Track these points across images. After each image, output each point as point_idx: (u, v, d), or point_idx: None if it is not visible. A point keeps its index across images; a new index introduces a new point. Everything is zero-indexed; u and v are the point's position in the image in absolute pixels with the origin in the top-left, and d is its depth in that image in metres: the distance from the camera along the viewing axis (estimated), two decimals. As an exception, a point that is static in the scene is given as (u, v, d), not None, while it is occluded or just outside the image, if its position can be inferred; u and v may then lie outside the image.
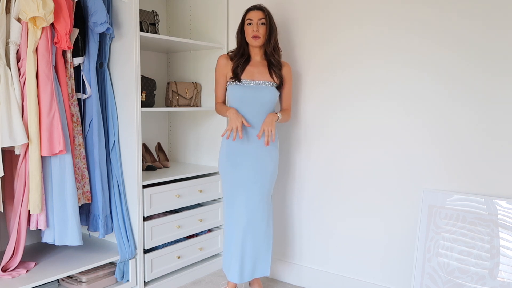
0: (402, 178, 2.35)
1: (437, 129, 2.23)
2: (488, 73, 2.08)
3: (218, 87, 2.47)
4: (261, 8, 2.38)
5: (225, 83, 2.45)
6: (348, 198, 2.55)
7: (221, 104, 2.47)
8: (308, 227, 2.72)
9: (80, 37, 2.31)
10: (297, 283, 2.77)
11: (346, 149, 2.53)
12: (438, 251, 2.14)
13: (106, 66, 2.44)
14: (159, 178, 2.59)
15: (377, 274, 2.47)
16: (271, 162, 2.39)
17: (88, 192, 2.38)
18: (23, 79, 2.06)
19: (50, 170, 2.17)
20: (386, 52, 2.36)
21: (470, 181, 2.15)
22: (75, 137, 2.31)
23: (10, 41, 2.04)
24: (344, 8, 2.49)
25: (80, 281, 2.32)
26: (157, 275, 2.60)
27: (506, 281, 1.97)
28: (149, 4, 3.06)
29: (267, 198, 2.39)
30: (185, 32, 3.14)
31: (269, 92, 2.36)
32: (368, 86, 2.43)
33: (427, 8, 2.21)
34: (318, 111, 2.63)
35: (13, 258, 2.16)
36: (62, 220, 2.19)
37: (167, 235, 2.63)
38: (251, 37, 2.36)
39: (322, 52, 2.59)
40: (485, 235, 2.04)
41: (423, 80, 2.25)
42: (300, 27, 2.66)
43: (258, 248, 2.38)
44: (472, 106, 2.13)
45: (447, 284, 2.10)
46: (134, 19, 2.35)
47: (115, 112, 2.46)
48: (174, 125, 3.30)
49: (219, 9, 2.95)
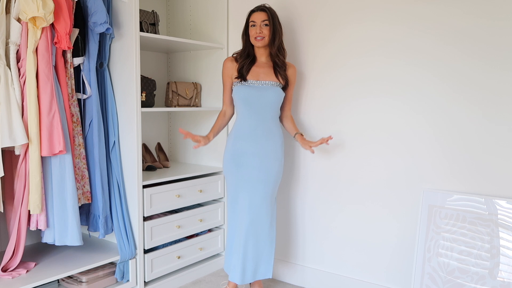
0: (402, 178, 2.35)
1: (437, 129, 2.23)
2: (488, 73, 2.08)
3: (225, 90, 2.48)
4: (264, 9, 2.36)
5: (231, 86, 2.45)
6: (349, 198, 2.55)
7: (221, 115, 2.49)
8: (310, 227, 2.72)
9: (80, 37, 2.31)
10: (299, 284, 2.77)
11: (348, 150, 2.53)
12: (438, 251, 2.14)
13: (106, 66, 2.44)
14: (159, 178, 2.59)
15: (377, 274, 2.47)
16: (275, 162, 2.38)
17: (88, 192, 2.38)
18: (23, 79, 2.06)
19: (50, 170, 2.17)
20: (387, 51, 2.36)
21: (470, 181, 2.15)
22: (75, 137, 2.31)
23: (10, 41, 2.04)
24: (346, 5, 2.49)
25: (80, 281, 2.32)
26: (157, 275, 2.60)
27: (506, 281, 1.97)
28: (149, 4, 3.06)
29: (271, 199, 2.39)
30: (185, 32, 3.14)
31: (274, 92, 2.36)
32: (368, 86, 2.43)
33: (432, 4, 2.21)
34: (321, 112, 2.62)
35: (13, 258, 2.16)
36: (62, 220, 2.19)
37: (167, 235, 2.63)
38: (254, 38, 2.35)
39: (324, 52, 2.59)
40: (485, 235, 2.04)
41: (425, 81, 2.25)
42: (303, 25, 2.66)
43: (261, 249, 2.37)
44: (472, 106, 2.13)
45: (447, 284, 2.10)
46: (134, 19, 2.35)
47: (115, 112, 2.46)
48: (174, 125, 3.30)
49: (219, 9, 2.95)
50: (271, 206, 2.38)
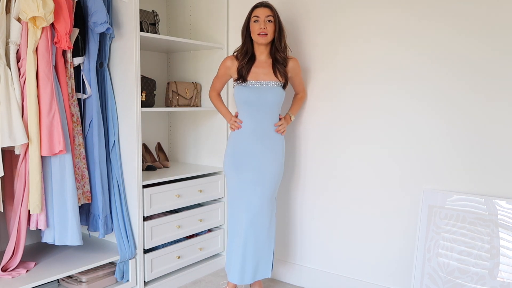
0: (402, 178, 2.35)
1: (437, 129, 2.23)
2: (489, 73, 2.08)
3: (218, 80, 2.52)
4: (268, 5, 2.34)
5: (225, 81, 2.51)
6: (348, 198, 2.55)
7: (217, 97, 2.55)
8: (310, 228, 2.72)
9: (80, 37, 2.31)
10: (298, 283, 2.77)
11: (347, 150, 2.53)
12: (438, 251, 2.14)
13: (106, 66, 2.44)
14: (159, 178, 2.59)
15: (377, 274, 2.47)
16: (275, 163, 2.38)
17: (88, 192, 2.38)
18: (23, 79, 2.06)
19: (50, 170, 2.17)
20: (383, 50, 2.36)
21: (470, 181, 2.15)
22: (75, 137, 2.31)
23: (10, 41, 2.04)
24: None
25: (80, 281, 2.32)
26: (157, 275, 2.60)
27: (506, 281, 1.97)
28: (149, 4, 3.06)
29: (271, 199, 2.38)
30: (185, 32, 3.14)
31: (273, 93, 2.34)
32: (369, 86, 2.43)
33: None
34: (321, 113, 2.62)
35: (13, 258, 2.16)
36: (62, 220, 2.19)
37: (167, 235, 2.63)
38: (257, 34, 2.31)
39: (324, 51, 2.59)
40: (485, 235, 2.04)
41: (425, 81, 2.25)
42: (305, 24, 2.66)
43: (260, 249, 2.36)
44: (472, 106, 2.13)
45: (447, 284, 2.10)
46: (134, 19, 2.35)
47: (115, 112, 2.46)
48: (174, 125, 3.30)
49: (219, 9, 2.95)
50: (271, 207, 2.38)
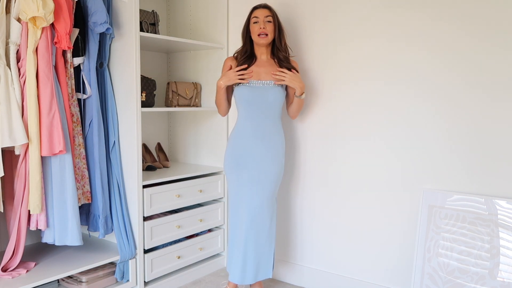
0: (402, 178, 2.35)
1: (437, 129, 2.23)
2: (490, 73, 2.08)
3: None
4: (267, 6, 2.36)
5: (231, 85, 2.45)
6: (348, 198, 2.55)
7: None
8: (310, 228, 2.72)
9: (80, 37, 2.31)
10: (299, 284, 2.77)
11: (347, 149, 2.53)
12: (438, 251, 2.14)
13: (106, 66, 2.44)
14: (159, 178, 2.59)
15: (377, 274, 2.47)
16: (276, 163, 2.38)
17: (88, 192, 2.38)
18: (23, 79, 2.06)
19: (50, 170, 2.17)
20: (383, 50, 2.36)
21: (470, 181, 2.15)
22: (75, 137, 2.31)
23: (10, 41, 2.04)
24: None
25: (80, 281, 2.32)
26: (157, 275, 2.60)
27: (506, 281, 1.97)
28: (149, 4, 3.06)
29: (271, 199, 2.38)
30: (185, 32, 3.14)
31: (274, 92, 2.34)
32: (369, 85, 2.43)
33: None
34: (321, 113, 2.62)
35: (13, 258, 2.16)
36: (62, 220, 2.19)
37: (167, 235, 2.63)
38: (257, 35, 2.32)
39: (322, 50, 2.59)
40: (485, 235, 2.04)
41: (425, 81, 2.25)
42: (305, 24, 2.66)
43: (261, 249, 2.36)
44: (472, 106, 2.13)
45: (447, 284, 2.10)
46: (134, 19, 2.35)
47: (115, 112, 2.46)
48: (174, 125, 3.30)
49: (219, 9, 2.95)
50: (271, 207, 2.38)
